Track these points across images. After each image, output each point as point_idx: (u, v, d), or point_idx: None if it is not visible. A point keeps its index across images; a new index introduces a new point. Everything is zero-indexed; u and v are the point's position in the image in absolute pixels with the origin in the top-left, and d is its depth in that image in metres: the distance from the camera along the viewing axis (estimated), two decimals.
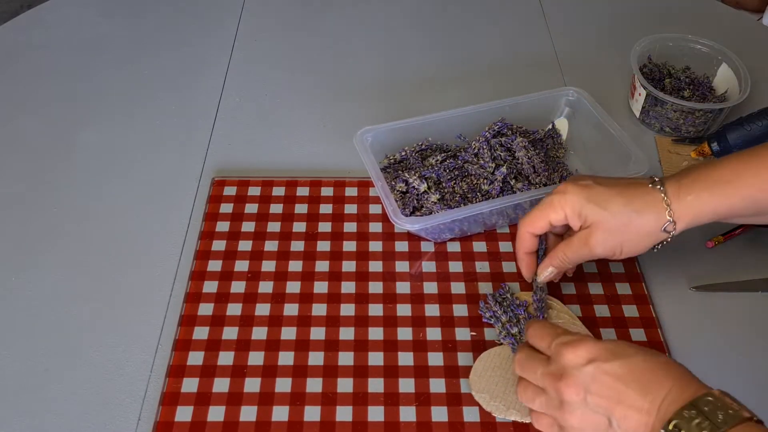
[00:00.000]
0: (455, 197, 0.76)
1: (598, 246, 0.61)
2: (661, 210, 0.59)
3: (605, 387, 0.50)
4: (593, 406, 0.50)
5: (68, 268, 0.74)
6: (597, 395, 0.50)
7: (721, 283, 0.73)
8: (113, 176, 0.84)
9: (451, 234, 0.75)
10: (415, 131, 0.81)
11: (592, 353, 0.51)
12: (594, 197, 0.60)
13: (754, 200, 0.58)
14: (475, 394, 0.62)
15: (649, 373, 0.49)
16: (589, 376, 0.50)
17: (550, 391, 0.53)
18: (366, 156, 0.76)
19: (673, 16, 1.13)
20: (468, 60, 1.03)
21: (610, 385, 0.50)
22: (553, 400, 0.53)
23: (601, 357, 0.51)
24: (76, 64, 1.01)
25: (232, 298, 0.70)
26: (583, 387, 0.51)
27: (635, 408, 0.49)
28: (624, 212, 0.59)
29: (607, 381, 0.50)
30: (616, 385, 0.50)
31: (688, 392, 0.48)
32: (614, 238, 0.60)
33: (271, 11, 1.13)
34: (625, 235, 0.60)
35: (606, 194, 0.60)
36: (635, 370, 0.50)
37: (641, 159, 0.76)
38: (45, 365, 0.66)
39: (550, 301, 0.70)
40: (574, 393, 0.51)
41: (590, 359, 0.51)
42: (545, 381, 0.53)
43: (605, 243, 0.60)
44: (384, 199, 0.72)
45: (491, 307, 0.68)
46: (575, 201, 0.61)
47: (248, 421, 0.61)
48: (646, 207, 0.59)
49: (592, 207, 0.60)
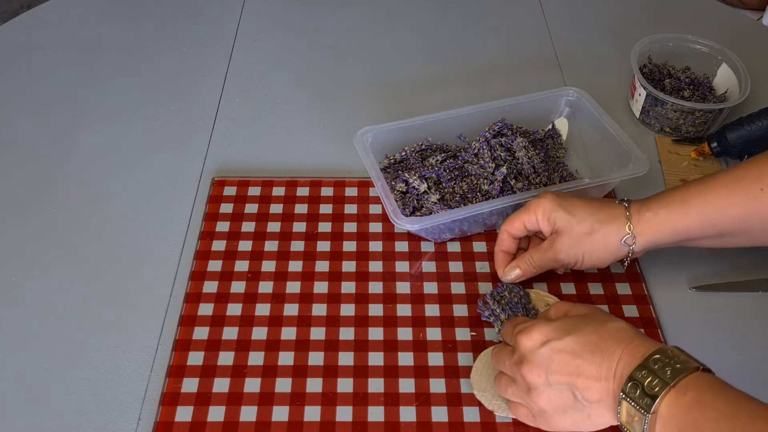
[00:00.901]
0: (455, 197, 0.76)
1: (562, 251, 0.65)
2: (623, 223, 0.63)
3: (563, 364, 0.53)
4: (556, 385, 0.53)
5: (68, 268, 0.74)
6: (557, 373, 0.53)
7: (721, 283, 0.73)
8: (113, 176, 0.84)
9: (451, 234, 0.75)
10: (415, 131, 0.81)
11: (544, 335, 0.54)
12: (565, 204, 0.65)
13: (710, 220, 0.62)
14: (476, 392, 0.62)
15: (600, 343, 0.53)
16: (546, 357, 0.54)
17: (518, 378, 0.56)
18: (366, 156, 0.76)
19: (673, 16, 1.13)
20: (468, 60, 1.03)
21: (567, 362, 0.53)
22: (521, 387, 0.56)
23: (554, 336, 0.54)
24: (76, 65, 1.01)
25: (232, 298, 0.70)
26: (543, 368, 0.54)
27: (594, 377, 0.52)
28: (588, 220, 0.64)
29: (564, 358, 0.53)
30: (573, 360, 0.53)
31: (638, 354, 0.51)
32: (577, 246, 0.64)
33: (271, 11, 1.13)
34: (587, 244, 0.64)
35: (577, 203, 0.65)
36: (587, 343, 0.53)
37: (641, 159, 0.76)
38: (45, 365, 0.66)
39: (547, 297, 0.70)
40: (536, 375, 0.54)
41: (544, 341, 0.54)
42: (512, 370, 0.57)
43: (569, 249, 0.65)
44: (384, 199, 0.72)
45: (490, 305, 0.68)
46: (547, 205, 0.65)
47: (248, 421, 0.61)
48: (609, 218, 0.63)
49: (561, 213, 0.64)
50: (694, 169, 0.85)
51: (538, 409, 0.56)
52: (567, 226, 0.64)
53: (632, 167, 0.76)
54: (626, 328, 0.54)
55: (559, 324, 0.55)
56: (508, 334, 0.60)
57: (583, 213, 0.64)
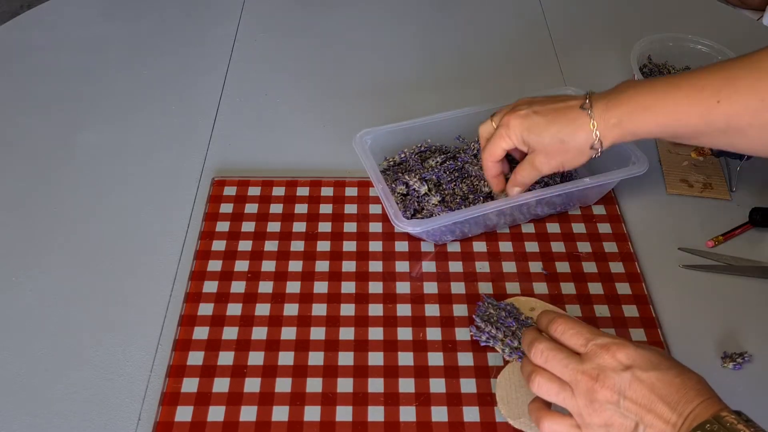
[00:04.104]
0: (456, 199, 0.76)
1: (543, 166, 0.70)
2: (589, 132, 0.67)
3: (640, 394, 0.51)
4: (624, 410, 0.52)
5: (68, 268, 0.74)
6: (631, 400, 0.51)
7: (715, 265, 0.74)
8: (113, 176, 0.84)
9: (452, 236, 0.75)
10: (414, 133, 0.81)
11: (631, 359, 0.53)
12: (532, 128, 0.69)
13: (670, 128, 0.65)
14: (512, 421, 0.61)
15: (682, 389, 0.51)
16: (626, 381, 0.52)
17: (581, 387, 0.53)
18: (366, 158, 0.76)
19: (673, 16, 1.13)
20: (467, 61, 1.03)
21: (644, 394, 0.51)
22: (581, 396, 0.53)
23: (640, 365, 0.52)
24: (76, 64, 1.01)
25: (232, 298, 0.70)
26: (618, 390, 0.52)
27: (663, 419, 0.50)
28: (557, 137, 0.68)
29: (643, 389, 0.51)
30: (650, 394, 0.51)
31: (712, 410, 0.49)
32: (554, 159, 0.70)
33: (271, 11, 1.13)
34: (562, 154, 0.69)
35: (542, 124, 0.69)
36: (670, 384, 0.51)
37: (641, 158, 0.76)
38: (45, 365, 0.66)
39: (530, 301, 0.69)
40: (611, 394, 0.52)
41: (628, 365, 0.52)
42: (577, 377, 0.54)
43: (548, 163, 0.70)
44: (385, 201, 0.72)
45: (483, 328, 0.66)
46: (517, 132, 0.70)
47: (248, 421, 0.61)
48: (576, 130, 0.68)
49: (531, 136, 0.69)
50: (694, 169, 0.85)
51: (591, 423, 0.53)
52: (540, 147, 0.69)
53: (632, 167, 0.76)
54: (705, 383, 0.52)
55: (647, 354, 0.53)
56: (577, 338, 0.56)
57: (550, 133, 0.68)
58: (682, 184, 0.83)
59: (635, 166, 0.76)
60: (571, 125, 0.68)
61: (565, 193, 0.74)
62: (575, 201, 0.79)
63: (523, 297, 0.70)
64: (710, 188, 0.83)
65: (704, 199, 0.82)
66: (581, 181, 0.75)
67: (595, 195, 0.79)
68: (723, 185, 0.83)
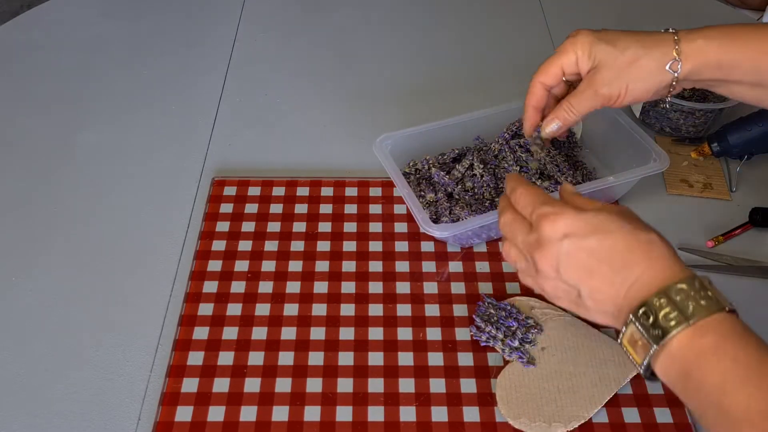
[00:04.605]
0: (485, 203, 0.76)
1: (604, 85, 0.61)
2: (669, 46, 0.60)
3: (578, 262, 0.49)
4: (564, 279, 0.50)
5: (68, 268, 0.74)
6: (569, 269, 0.50)
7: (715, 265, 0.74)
8: (113, 176, 0.84)
9: (478, 239, 0.75)
10: (431, 136, 0.80)
11: (569, 227, 0.50)
12: (605, 36, 0.61)
13: (756, 63, 0.59)
14: (512, 421, 0.61)
15: (626, 253, 0.48)
16: (563, 251, 0.50)
17: (528, 258, 0.53)
18: (388, 163, 0.75)
19: (673, 16, 1.13)
20: (467, 61, 1.03)
21: (583, 261, 0.49)
22: (531, 267, 0.53)
23: (579, 232, 0.50)
24: (76, 64, 1.01)
25: (232, 298, 0.70)
26: (556, 260, 0.50)
27: (606, 284, 0.48)
28: (632, 48, 0.60)
29: (581, 257, 0.49)
30: (589, 261, 0.49)
31: (662, 277, 0.46)
32: (620, 77, 0.61)
33: (271, 11, 1.13)
34: (630, 73, 0.61)
35: (617, 33, 0.61)
36: (611, 248, 0.48)
37: (662, 155, 0.75)
38: (45, 365, 0.66)
39: (530, 301, 0.69)
40: (548, 265, 0.51)
41: (567, 233, 0.50)
42: (524, 249, 0.53)
43: (611, 82, 0.61)
44: (412, 207, 0.71)
45: (483, 329, 0.67)
46: (585, 41, 0.61)
47: (248, 421, 0.61)
48: (654, 44, 0.60)
49: (602, 45, 0.61)
50: (694, 169, 0.85)
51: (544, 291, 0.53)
52: (609, 58, 0.61)
53: (653, 164, 0.75)
54: (659, 242, 0.48)
55: (589, 219, 0.50)
56: (525, 207, 0.54)
57: (625, 41, 0.60)
58: (682, 184, 0.83)
59: (656, 163, 0.75)
60: (650, 38, 0.60)
61: (599, 190, 0.73)
62: (601, 198, 0.78)
63: (523, 297, 0.70)
64: (710, 188, 0.83)
65: (704, 199, 0.82)
66: (606, 180, 0.74)
67: (618, 193, 0.80)
68: (723, 185, 0.83)
